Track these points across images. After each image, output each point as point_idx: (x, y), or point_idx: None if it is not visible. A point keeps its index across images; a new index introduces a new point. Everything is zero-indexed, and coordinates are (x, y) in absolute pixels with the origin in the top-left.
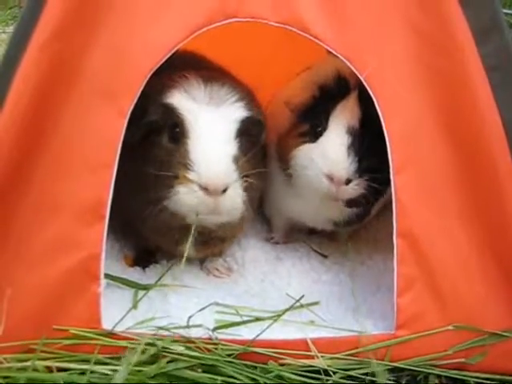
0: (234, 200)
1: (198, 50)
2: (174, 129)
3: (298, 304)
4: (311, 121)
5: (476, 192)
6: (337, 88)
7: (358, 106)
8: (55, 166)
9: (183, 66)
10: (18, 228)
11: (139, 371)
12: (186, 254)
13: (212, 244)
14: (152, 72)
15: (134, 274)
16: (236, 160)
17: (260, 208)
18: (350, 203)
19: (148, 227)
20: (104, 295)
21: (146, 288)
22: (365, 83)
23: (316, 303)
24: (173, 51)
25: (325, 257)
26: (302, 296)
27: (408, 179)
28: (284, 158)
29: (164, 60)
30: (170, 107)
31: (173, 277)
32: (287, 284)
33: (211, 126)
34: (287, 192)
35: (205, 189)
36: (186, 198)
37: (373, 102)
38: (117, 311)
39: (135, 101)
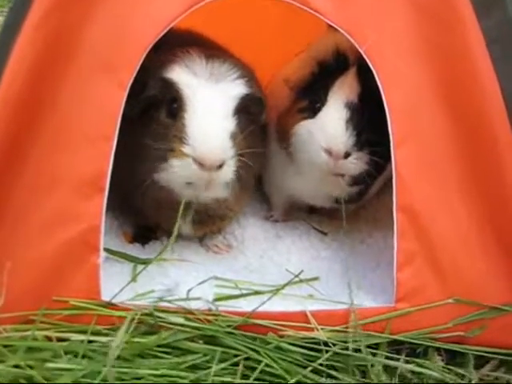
0: (226, 177)
1: (199, 30)
2: (172, 104)
3: (297, 279)
4: (310, 97)
5: (476, 165)
6: (336, 64)
7: (356, 81)
8: (54, 139)
9: (185, 43)
10: (16, 201)
11: (138, 342)
12: (176, 230)
13: (210, 222)
14: (152, 45)
15: (133, 250)
16: (233, 137)
17: (259, 187)
18: (351, 180)
19: (145, 202)
20: (103, 269)
21: (145, 262)
22: (365, 56)
23: (315, 278)
24: (173, 24)
25: (324, 234)
26: (302, 271)
27: (408, 153)
28: (284, 135)
29: (164, 32)
30: (169, 82)
31: (172, 252)
32: (286, 260)
33: (209, 101)
34: (287, 170)
35: (199, 163)
36: (179, 171)
37: (372, 78)
38: (116, 285)
39: (135, 73)
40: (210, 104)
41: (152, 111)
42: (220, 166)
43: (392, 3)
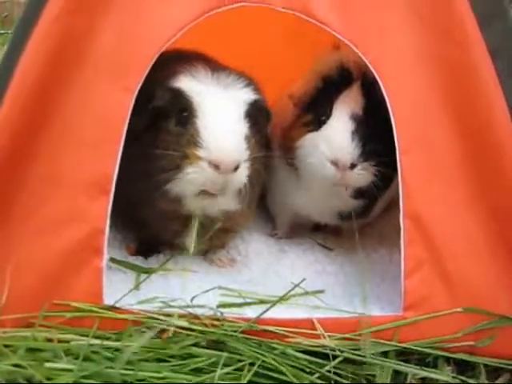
0: (240, 180)
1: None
2: (182, 113)
3: (302, 291)
4: (315, 111)
5: (482, 173)
6: (340, 78)
7: (361, 94)
8: (62, 139)
9: (189, 58)
10: (22, 200)
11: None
12: (193, 238)
13: (214, 236)
14: (161, 51)
15: (136, 262)
16: (246, 140)
17: (263, 205)
18: (356, 194)
19: (151, 216)
20: (106, 277)
21: (149, 271)
22: (370, 66)
23: (321, 291)
24: (182, 32)
25: (330, 250)
26: (304, 279)
27: (414, 160)
28: (288, 149)
29: (173, 40)
30: (177, 91)
31: (175, 263)
32: (291, 274)
33: (221, 106)
34: (292, 185)
35: (215, 166)
36: (194, 176)
37: (376, 92)
38: (118, 293)
39: (143, 78)
40: (221, 108)
41: (158, 123)
42: (235, 169)
43: (396, 15)
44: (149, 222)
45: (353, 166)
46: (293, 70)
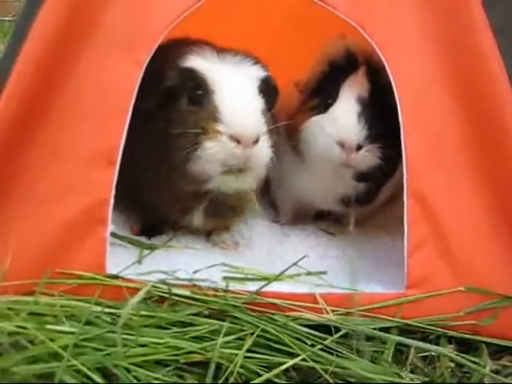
0: (264, 152)
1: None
2: (195, 91)
3: (305, 271)
4: (321, 95)
5: (486, 154)
6: (346, 63)
7: (367, 78)
8: (70, 109)
9: (195, 42)
10: (28, 169)
11: (146, 315)
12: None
13: (222, 215)
14: (170, 27)
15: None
16: (264, 113)
17: (266, 194)
18: (360, 177)
19: (161, 197)
20: (109, 252)
21: (152, 247)
22: (375, 48)
23: (324, 272)
24: (190, 10)
25: (332, 235)
26: (305, 256)
27: (418, 140)
28: (293, 134)
29: (181, 18)
30: (188, 70)
31: (178, 243)
32: (293, 257)
33: (236, 81)
34: (296, 171)
35: (236, 140)
36: (215, 151)
37: (381, 77)
38: (121, 267)
39: (151, 53)
40: (237, 83)
41: (169, 103)
42: (256, 142)
43: None
44: (159, 201)
45: (359, 148)
46: (298, 56)
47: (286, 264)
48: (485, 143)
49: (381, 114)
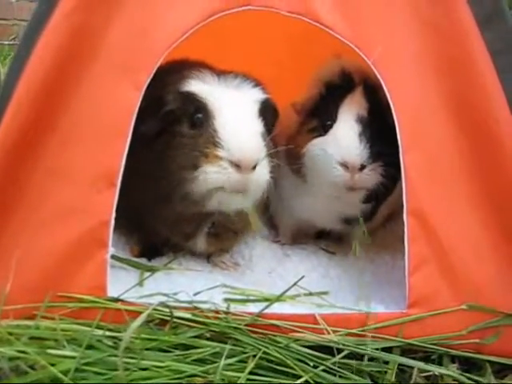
0: (262, 177)
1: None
2: (195, 115)
3: (307, 291)
4: (319, 116)
5: (484, 171)
6: (342, 84)
7: (364, 98)
8: (70, 132)
9: (194, 65)
10: (30, 192)
11: (148, 338)
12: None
13: (224, 237)
14: (168, 50)
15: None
16: (263, 137)
17: (267, 214)
18: (366, 198)
19: (162, 220)
20: (110, 275)
21: (152, 269)
22: (372, 68)
23: (325, 293)
24: (190, 32)
25: (333, 253)
26: (303, 276)
27: (416, 158)
28: (294, 156)
29: (179, 41)
30: (189, 94)
31: (179, 265)
32: (295, 277)
33: (236, 105)
34: (298, 193)
35: (236, 165)
36: (215, 176)
37: (378, 96)
38: (122, 289)
39: (151, 75)
40: (237, 107)
41: (172, 127)
42: (255, 167)
43: (399, 18)
44: (161, 225)
45: (362, 168)
46: (297, 77)
47: (286, 284)
48: (482, 160)
49: (380, 132)
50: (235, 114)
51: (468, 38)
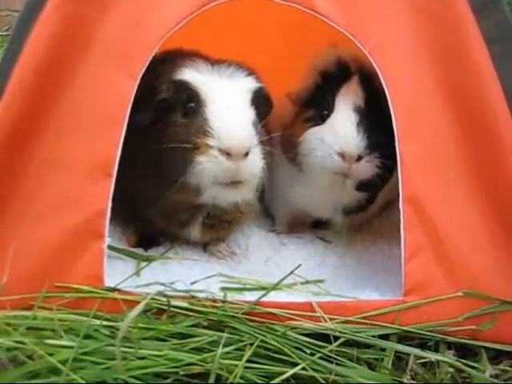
0: (255, 165)
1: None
2: (188, 104)
3: (303, 279)
4: (316, 106)
5: (480, 159)
6: (338, 73)
7: (360, 87)
8: (66, 122)
9: (188, 54)
10: (25, 183)
11: (145, 327)
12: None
13: (219, 227)
14: (163, 40)
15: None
16: (254, 125)
17: (262, 204)
18: (360, 186)
19: (157, 209)
20: (107, 265)
21: (149, 259)
22: (368, 56)
23: (321, 281)
24: (186, 20)
25: (329, 243)
26: (299, 265)
27: (412, 146)
28: (290, 146)
29: (173, 30)
30: (182, 83)
31: (175, 254)
32: (291, 266)
33: (227, 94)
34: (293, 182)
35: (227, 153)
36: (207, 166)
37: (374, 85)
38: (118, 279)
39: (146, 65)
40: (228, 96)
41: (164, 117)
42: (246, 154)
43: (393, 6)
44: (156, 214)
45: (359, 158)
46: (292, 66)
47: (283, 272)
48: (479, 148)
49: (376, 122)
50: (226, 102)
51: (463, 25)
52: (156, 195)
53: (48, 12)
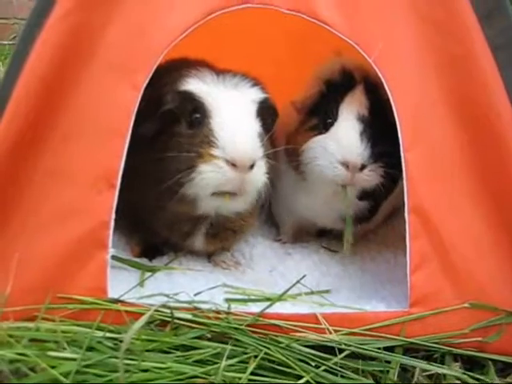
0: (259, 178)
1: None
2: (193, 114)
3: (309, 290)
4: (320, 115)
5: (486, 168)
6: (343, 82)
7: (365, 96)
8: (70, 132)
9: (193, 63)
10: (29, 193)
11: (148, 339)
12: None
13: (223, 237)
14: (167, 49)
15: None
16: (260, 137)
17: (268, 213)
18: (362, 195)
19: (160, 220)
20: (110, 275)
21: (153, 270)
22: (373, 66)
23: (327, 291)
24: (188, 31)
25: (334, 252)
26: (304, 275)
27: (418, 156)
28: (294, 154)
29: (178, 40)
30: (187, 94)
31: (179, 264)
32: (296, 275)
33: (233, 105)
34: (298, 191)
35: (232, 164)
36: (210, 175)
37: (378, 94)
38: (122, 290)
39: (150, 76)
40: (234, 107)
41: (168, 127)
42: (251, 167)
43: (398, 14)
44: (159, 225)
45: (363, 167)
46: (297, 75)
47: (288, 282)
48: (484, 157)
49: (380, 131)
50: (232, 113)
51: (469, 33)
52: (158, 206)
53: (53, 21)
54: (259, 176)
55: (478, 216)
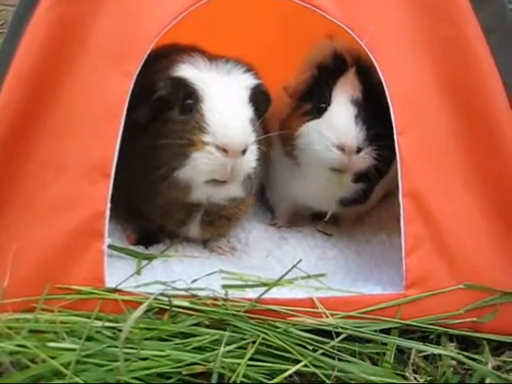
0: (249, 164)
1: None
2: (186, 100)
3: (304, 274)
4: (313, 99)
5: (479, 151)
6: (335, 66)
7: (357, 79)
8: (62, 124)
9: (185, 50)
10: (24, 185)
11: (147, 328)
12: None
13: (218, 224)
14: (159, 36)
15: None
16: (252, 123)
17: (262, 197)
18: (357, 178)
19: (154, 208)
20: (107, 264)
21: (149, 257)
22: (366, 49)
23: (322, 275)
24: (180, 17)
25: (329, 235)
26: (300, 260)
27: (411, 139)
28: (288, 140)
29: (170, 26)
30: (179, 79)
31: (176, 251)
32: (292, 260)
33: (225, 90)
34: (292, 175)
35: (223, 150)
36: (202, 162)
37: (371, 77)
38: (119, 278)
39: (141, 63)
40: (225, 92)
41: (162, 114)
42: (243, 152)
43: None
44: (154, 212)
45: (359, 150)
46: (290, 60)
47: (284, 267)
48: (478, 140)
49: (374, 114)
50: (224, 99)
51: (461, 16)
52: (152, 193)
53: (42, 11)
54: (250, 161)
55: (473, 200)
